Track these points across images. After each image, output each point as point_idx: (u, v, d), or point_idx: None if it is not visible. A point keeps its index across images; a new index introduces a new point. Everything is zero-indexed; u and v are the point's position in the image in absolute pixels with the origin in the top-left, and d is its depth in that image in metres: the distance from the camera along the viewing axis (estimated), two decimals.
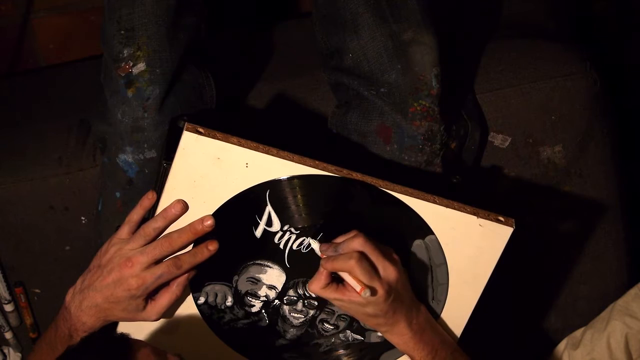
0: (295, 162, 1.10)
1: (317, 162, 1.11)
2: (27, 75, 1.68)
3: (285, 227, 1.13)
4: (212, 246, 1.12)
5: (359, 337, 1.22)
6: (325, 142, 1.32)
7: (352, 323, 1.21)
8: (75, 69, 1.60)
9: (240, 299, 1.18)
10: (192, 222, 1.11)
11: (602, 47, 1.57)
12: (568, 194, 1.43)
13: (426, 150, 1.24)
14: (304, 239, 1.14)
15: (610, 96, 1.42)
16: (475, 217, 1.13)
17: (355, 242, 1.09)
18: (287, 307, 1.19)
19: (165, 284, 1.13)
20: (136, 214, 1.13)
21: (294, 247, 1.15)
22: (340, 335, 1.22)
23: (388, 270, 1.10)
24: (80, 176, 1.38)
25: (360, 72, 1.25)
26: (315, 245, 1.13)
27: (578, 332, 1.45)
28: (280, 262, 1.16)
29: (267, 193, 1.11)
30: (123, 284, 1.10)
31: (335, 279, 1.11)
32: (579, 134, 1.40)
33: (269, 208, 1.12)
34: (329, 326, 1.22)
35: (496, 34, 1.46)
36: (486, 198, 1.19)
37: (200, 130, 1.07)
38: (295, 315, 1.20)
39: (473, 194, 1.17)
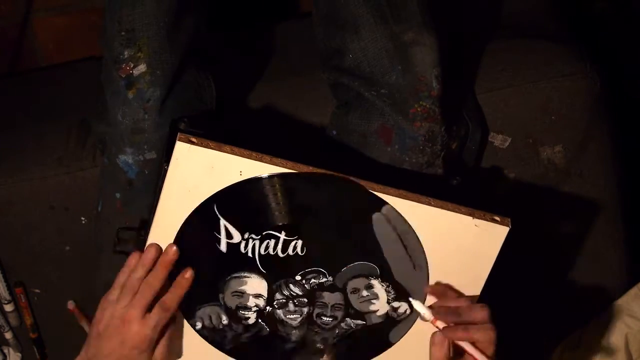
0: (289, 168, 1.09)
1: (311, 167, 1.10)
2: (27, 75, 1.67)
3: (246, 235, 1.13)
4: (188, 274, 1.12)
5: (360, 321, 1.22)
6: (325, 142, 1.32)
7: (348, 310, 1.21)
8: (75, 69, 1.60)
9: (233, 314, 1.18)
10: (160, 258, 1.11)
11: (602, 47, 1.56)
12: (568, 194, 1.43)
13: (427, 151, 1.24)
14: (269, 242, 1.13)
15: (610, 96, 1.42)
16: (471, 218, 1.13)
17: (485, 312, 1.09)
18: (280, 310, 1.19)
19: None
20: (123, 277, 1.11)
21: (262, 251, 1.14)
22: (342, 324, 1.22)
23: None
24: (80, 176, 1.38)
25: (360, 72, 1.25)
26: (420, 308, 1.13)
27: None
28: (255, 270, 1.15)
29: (215, 207, 1.10)
30: (128, 343, 1.09)
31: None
32: (579, 134, 1.40)
33: (222, 221, 1.11)
34: (327, 319, 1.21)
35: (496, 34, 1.46)
36: (486, 198, 1.19)
37: (193, 140, 1.07)
38: (291, 316, 1.20)
39: (473, 195, 1.17)
